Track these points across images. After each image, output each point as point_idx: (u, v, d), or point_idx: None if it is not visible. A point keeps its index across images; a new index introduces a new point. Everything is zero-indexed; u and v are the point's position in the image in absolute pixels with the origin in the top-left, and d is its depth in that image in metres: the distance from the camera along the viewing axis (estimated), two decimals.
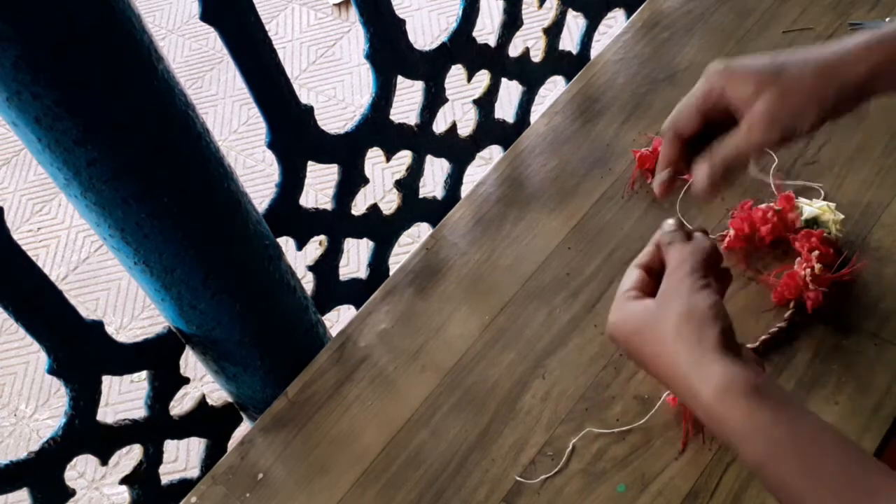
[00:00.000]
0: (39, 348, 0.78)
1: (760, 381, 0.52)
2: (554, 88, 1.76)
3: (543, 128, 1.11)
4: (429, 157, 1.07)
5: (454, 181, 1.12)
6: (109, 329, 0.84)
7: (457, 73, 1.05)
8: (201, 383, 1.87)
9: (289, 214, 0.95)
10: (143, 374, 0.89)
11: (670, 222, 0.62)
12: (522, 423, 0.84)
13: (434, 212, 1.10)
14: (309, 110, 0.90)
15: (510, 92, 1.16)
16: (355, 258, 2.04)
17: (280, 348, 0.96)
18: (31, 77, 0.65)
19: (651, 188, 1.00)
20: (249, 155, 2.45)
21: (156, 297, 0.87)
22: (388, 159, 1.02)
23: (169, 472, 1.59)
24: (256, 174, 2.38)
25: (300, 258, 1.02)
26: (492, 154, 1.20)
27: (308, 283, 1.00)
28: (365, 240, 1.05)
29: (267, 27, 0.81)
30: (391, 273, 1.03)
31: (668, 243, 0.60)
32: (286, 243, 0.95)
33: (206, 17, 0.77)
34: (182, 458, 1.84)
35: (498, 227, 1.02)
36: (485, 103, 1.10)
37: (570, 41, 1.23)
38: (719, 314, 0.55)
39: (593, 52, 1.21)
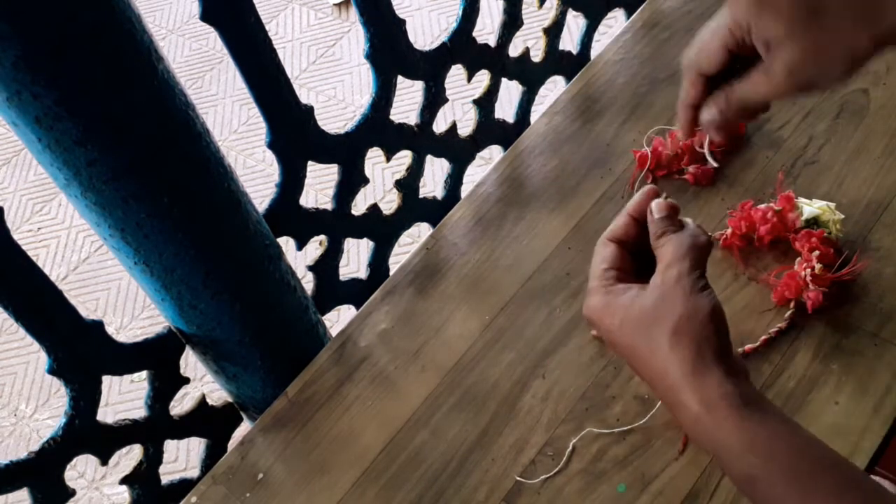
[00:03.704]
0: (39, 348, 0.78)
1: (754, 393, 0.50)
2: (554, 88, 1.76)
3: (543, 128, 1.11)
4: (429, 157, 1.07)
5: (454, 181, 1.12)
6: (109, 329, 0.84)
7: (457, 73, 1.05)
8: (201, 383, 1.87)
9: (289, 214, 0.95)
10: (143, 374, 0.89)
11: (661, 205, 0.55)
12: (522, 423, 0.84)
13: (434, 212, 1.10)
14: (309, 110, 0.90)
15: (510, 92, 1.16)
16: (355, 258, 2.04)
17: (280, 348, 0.96)
18: (31, 77, 0.65)
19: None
20: (249, 155, 2.45)
21: (156, 297, 0.87)
22: (388, 159, 1.02)
23: (169, 472, 1.59)
24: (256, 174, 2.38)
25: (300, 258, 1.02)
26: (492, 154, 1.20)
27: (308, 283, 1.00)
28: (365, 240, 1.05)
29: (267, 27, 0.81)
30: (391, 273, 1.03)
31: (660, 233, 0.54)
32: (286, 243, 0.95)
33: (206, 17, 0.77)
34: (182, 458, 1.84)
35: (498, 227, 1.02)
36: (485, 103, 1.10)
37: (570, 41, 1.23)
38: (720, 321, 0.51)
39: (593, 52, 1.21)
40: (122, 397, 1.98)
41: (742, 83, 0.54)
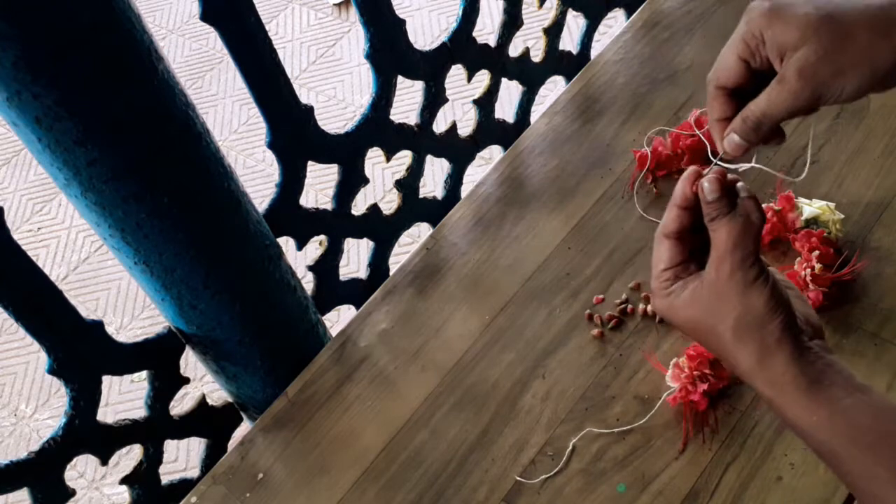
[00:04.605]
0: (39, 348, 0.78)
1: (820, 370, 0.51)
2: (554, 88, 1.76)
3: (543, 128, 1.11)
4: (429, 157, 1.07)
5: (454, 181, 1.12)
6: (109, 329, 0.84)
7: (457, 73, 1.05)
8: (201, 383, 1.87)
9: (289, 214, 0.95)
10: (143, 374, 0.89)
11: (711, 186, 0.52)
12: (522, 423, 0.84)
13: (434, 212, 1.10)
14: (309, 110, 0.90)
15: (510, 92, 1.16)
16: (355, 258, 2.04)
17: (280, 348, 0.96)
18: (31, 77, 0.65)
19: (651, 188, 1.00)
20: (249, 155, 2.45)
21: (156, 297, 0.87)
22: (388, 159, 1.02)
23: (169, 472, 1.59)
24: (256, 174, 2.38)
25: (300, 258, 1.02)
26: (492, 154, 1.20)
27: (308, 283, 1.00)
28: (365, 240, 1.05)
29: (267, 27, 0.81)
30: (391, 273, 1.03)
31: (712, 217, 0.52)
32: (286, 243, 0.95)
33: (206, 17, 0.77)
34: (182, 458, 1.84)
35: (498, 227, 1.02)
36: (485, 103, 1.10)
37: (570, 41, 1.24)
38: (777, 306, 0.51)
39: (593, 52, 1.21)
40: (122, 397, 1.98)
41: (757, 99, 0.53)
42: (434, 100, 1.04)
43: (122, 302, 2.21)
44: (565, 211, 1.01)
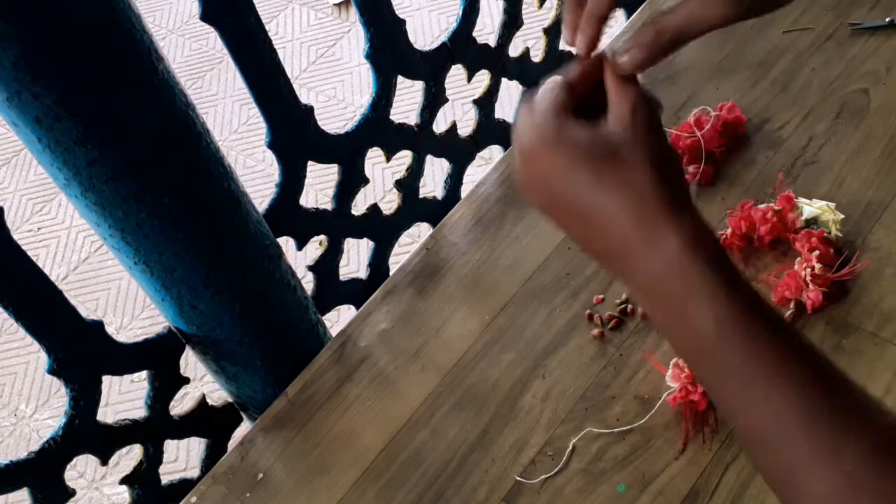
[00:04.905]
0: (39, 348, 0.78)
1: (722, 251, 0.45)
2: None
3: None
4: (429, 157, 1.07)
5: (454, 181, 1.12)
6: (109, 329, 0.84)
7: (457, 73, 1.05)
8: (201, 383, 1.87)
9: (289, 214, 0.95)
10: (143, 374, 0.89)
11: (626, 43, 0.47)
12: (522, 423, 0.84)
13: (434, 212, 1.10)
14: (309, 110, 0.90)
15: (510, 92, 1.16)
16: (355, 258, 2.04)
17: (280, 348, 0.96)
18: (31, 77, 0.65)
19: None
20: (249, 155, 2.45)
21: (156, 297, 0.87)
22: (388, 159, 1.02)
23: (169, 472, 1.59)
24: (256, 174, 2.38)
25: (300, 258, 1.02)
26: (492, 154, 1.20)
27: (308, 283, 1.00)
28: (365, 240, 1.05)
29: (267, 27, 0.81)
30: (391, 273, 1.03)
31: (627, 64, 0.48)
32: (286, 243, 0.95)
33: (206, 17, 0.77)
34: (182, 458, 1.84)
35: (498, 227, 1.02)
36: (485, 103, 1.10)
37: None
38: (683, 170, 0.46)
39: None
40: (122, 397, 1.98)
41: (674, 11, 0.46)
42: (434, 100, 1.04)
43: (122, 302, 2.21)
44: None
